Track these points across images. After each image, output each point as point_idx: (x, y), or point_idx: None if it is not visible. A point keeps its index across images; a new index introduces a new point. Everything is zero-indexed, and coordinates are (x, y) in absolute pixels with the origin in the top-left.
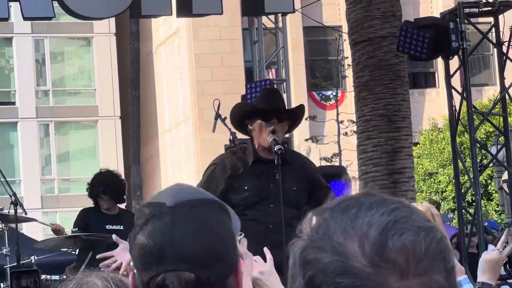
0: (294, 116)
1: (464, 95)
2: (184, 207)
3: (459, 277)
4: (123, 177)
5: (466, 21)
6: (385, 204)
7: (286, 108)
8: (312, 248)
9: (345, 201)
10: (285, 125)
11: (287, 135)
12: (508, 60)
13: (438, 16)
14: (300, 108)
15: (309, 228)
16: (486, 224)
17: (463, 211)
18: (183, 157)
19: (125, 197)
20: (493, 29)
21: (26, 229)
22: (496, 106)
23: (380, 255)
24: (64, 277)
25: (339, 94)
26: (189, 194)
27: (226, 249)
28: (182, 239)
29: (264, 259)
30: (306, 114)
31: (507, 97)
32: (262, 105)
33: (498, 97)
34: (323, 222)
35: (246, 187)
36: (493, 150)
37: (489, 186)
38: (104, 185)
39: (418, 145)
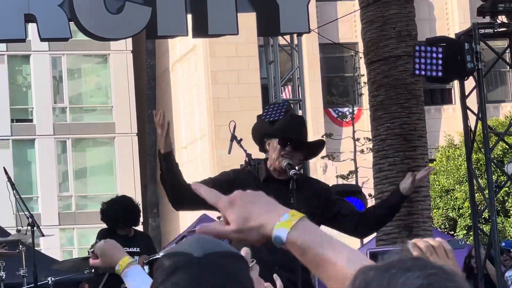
0: (312, 149)
1: (480, 116)
2: (213, 258)
3: None
4: (136, 201)
5: (481, 42)
6: (424, 268)
7: (306, 140)
8: None
9: (391, 262)
10: (301, 153)
11: None
12: None
13: (454, 34)
14: (319, 143)
15: (352, 285)
16: (503, 244)
17: (479, 231)
18: (200, 173)
19: (140, 219)
20: (508, 50)
21: (43, 245)
22: None
23: None
24: None
25: (355, 111)
26: (213, 245)
27: None
28: None
29: (274, 284)
30: (322, 131)
31: None
32: (283, 130)
33: None
34: (364, 279)
35: None
36: (510, 167)
37: (507, 203)
38: (120, 216)
39: (434, 162)
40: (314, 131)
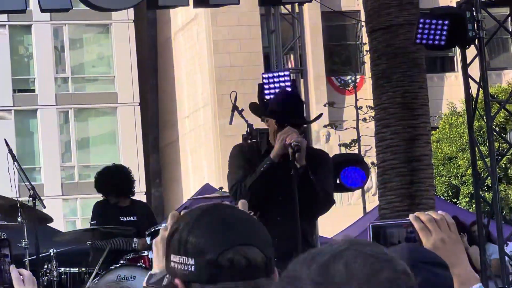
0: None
1: (481, 84)
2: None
3: (474, 285)
4: (129, 169)
5: (482, 10)
6: (349, 241)
7: (302, 118)
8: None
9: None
10: (299, 127)
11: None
12: None
13: (455, 4)
14: (317, 118)
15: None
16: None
17: (481, 199)
18: (203, 142)
19: (134, 190)
20: (510, 18)
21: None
22: None
23: (323, 275)
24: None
25: (358, 80)
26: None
27: None
28: None
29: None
30: (325, 100)
31: None
32: (278, 113)
33: None
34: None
35: None
36: None
37: (509, 170)
38: (109, 182)
39: (437, 130)
40: (317, 100)
